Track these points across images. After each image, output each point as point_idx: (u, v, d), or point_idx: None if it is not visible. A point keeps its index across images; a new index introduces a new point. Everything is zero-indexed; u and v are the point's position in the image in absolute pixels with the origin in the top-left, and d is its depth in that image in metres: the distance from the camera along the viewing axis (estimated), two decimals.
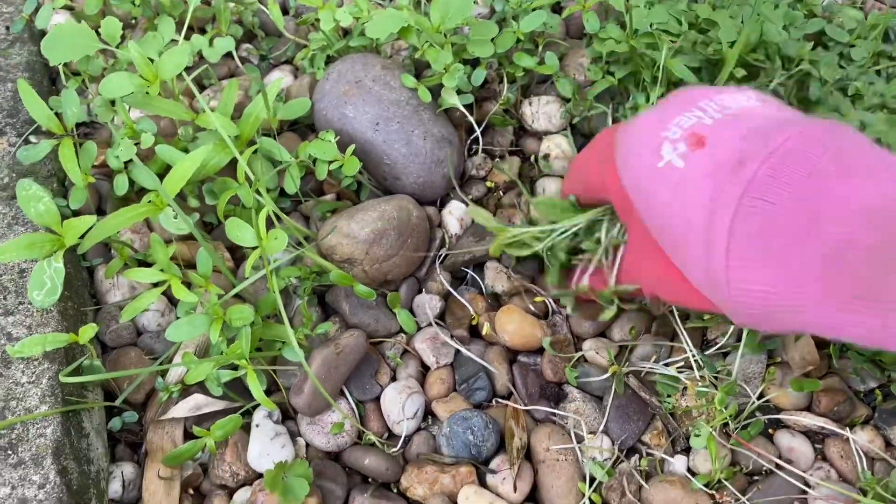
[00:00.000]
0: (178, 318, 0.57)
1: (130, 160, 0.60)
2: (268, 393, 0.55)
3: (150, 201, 0.56)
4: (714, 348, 0.59)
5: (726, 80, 0.62)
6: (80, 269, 0.60)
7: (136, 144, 0.61)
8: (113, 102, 0.61)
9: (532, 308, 0.61)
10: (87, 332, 0.52)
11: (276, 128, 0.64)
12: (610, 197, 0.49)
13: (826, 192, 0.36)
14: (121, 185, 0.60)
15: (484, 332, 0.60)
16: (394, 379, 0.59)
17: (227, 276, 0.56)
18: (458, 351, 0.59)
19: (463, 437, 0.53)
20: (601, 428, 0.56)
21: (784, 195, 0.36)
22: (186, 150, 0.60)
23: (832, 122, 0.39)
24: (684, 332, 0.58)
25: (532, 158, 0.69)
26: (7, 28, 0.73)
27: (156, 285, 0.55)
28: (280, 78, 0.65)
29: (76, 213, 0.61)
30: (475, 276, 0.64)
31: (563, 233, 0.55)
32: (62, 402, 0.50)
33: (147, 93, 0.59)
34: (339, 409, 0.55)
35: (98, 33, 0.63)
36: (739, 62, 0.63)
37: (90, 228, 0.52)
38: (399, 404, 0.56)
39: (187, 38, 0.68)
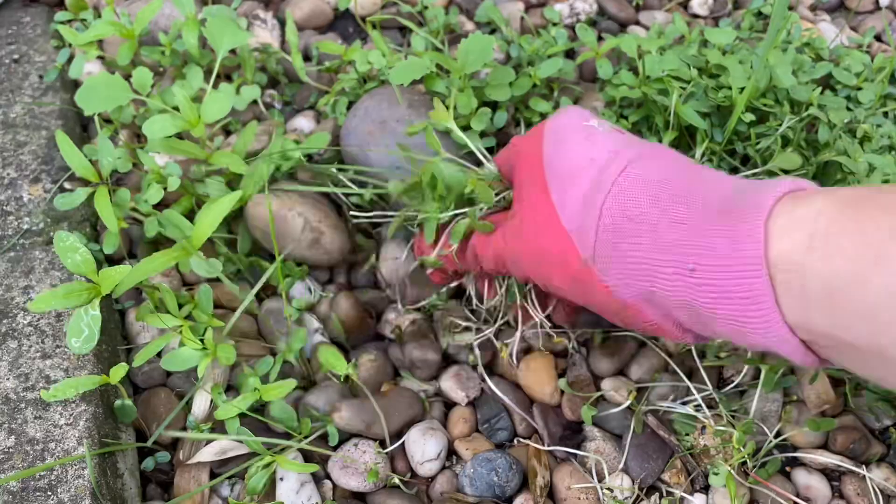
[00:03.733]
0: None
1: (160, 203, 0.63)
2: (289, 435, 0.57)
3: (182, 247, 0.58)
4: (730, 387, 0.60)
5: (735, 124, 0.64)
6: (112, 312, 0.62)
7: (164, 189, 0.63)
8: (133, 152, 0.64)
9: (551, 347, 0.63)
10: (118, 372, 0.54)
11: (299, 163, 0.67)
12: (521, 157, 0.53)
13: (696, 178, 0.45)
14: (151, 229, 0.62)
15: (503, 356, 0.61)
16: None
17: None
18: (481, 391, 0.61)
19: (487, 478, 0.55)
20: (621, 466, 0.57)
21: (662, 167, 0.45)
22: (199, 197, 0.63)
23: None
24: (703, 370, 0.59)
25: None
26: (40, 77, 0.76)
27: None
28: (326, 134, 0.68)
29: (109, 257, 0.63)
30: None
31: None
32: (98, 444, 0.52)
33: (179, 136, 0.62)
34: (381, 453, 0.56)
35: (129, 82, 0.66)
36: (748, 107, 0.65)
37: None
38: (422, 445, 0.57)
39: (215, 86, 0.71)
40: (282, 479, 0.55)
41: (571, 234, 0.45)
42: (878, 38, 0.85)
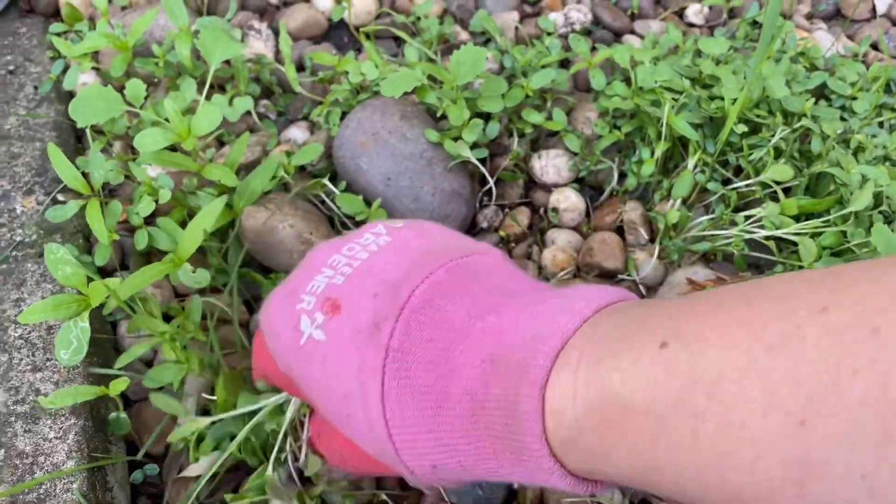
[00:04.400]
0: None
1: (153, 214, 0.64)
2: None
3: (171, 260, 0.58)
4: None
5: (728, 136, 0.64)
6: (104, 324, 0.62)
7: (155, 201, 0.63)
8: (125, 164, 0.64)
9: None
10: (118, 385, 0.54)
11: (292, 174, 0.67)
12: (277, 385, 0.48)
13: (455, 344, 0.37)
14: (141, 241, 0.62)
15: None
16: None
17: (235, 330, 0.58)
18: None
19: (473, 493, 0.55)
20: None
21: (420, 355, 0.37)
22: (191, 209, 0.63)
23: (472, 251, 0.42)
24: None
25: (542, 210, 0.71)
26: (35, 88, 0.76)
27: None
28: (319, 146, 0.68)
29: (101, 269, 0.63)
30: None
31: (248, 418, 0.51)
32: (88, 458, 0.52)
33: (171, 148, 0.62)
34: None
35: (122, 94, 0.66)
36: (741, 118, 0.65)
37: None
38: None
39: (208, 97, 0.71)
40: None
41: (396, 470, 0.41)
42: (874, 46, 0.85)
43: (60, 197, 0.67)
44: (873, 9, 0.88)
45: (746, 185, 0.65)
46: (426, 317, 0.38)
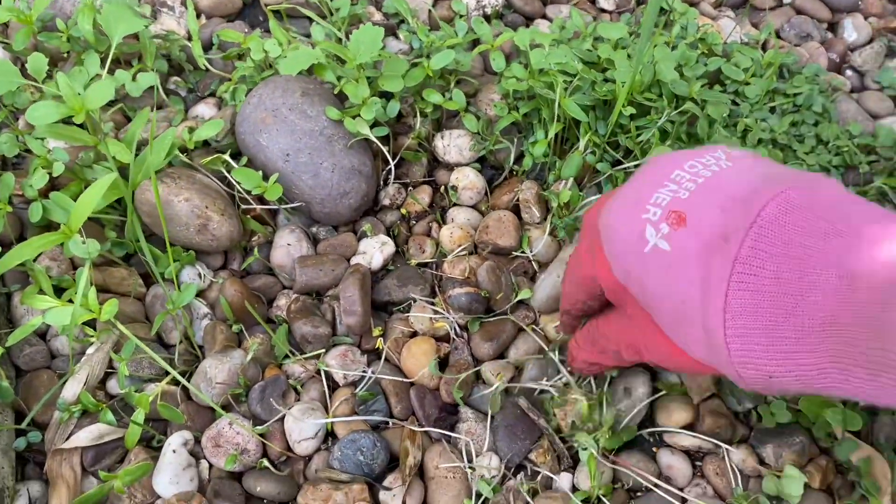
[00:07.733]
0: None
1: (53, 188, 0.64)
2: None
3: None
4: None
5: (617, 118, 0.66)
6: None
7: (49, 174, 0.64)
8: (18, 137, 0.65)
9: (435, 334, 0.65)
10: None
11: (192, 148, 0.68)
12: (601, 285, 0.49)
13: (807, 259, 0.37)
14: (35, 213, 0.63)
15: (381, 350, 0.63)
16: (298, 400, 0.62)
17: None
18: (362, 374, 0.62)
19: (353, 458, 0.56)
20: (486, 447, 0.59)
21: (768, 268, 0.38)
22: (85, 181, 0.63)
23: (812, 180, 0.40)
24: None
25: (443, 189, 0.73)
26: None
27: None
28: (221, 121, 0.69)
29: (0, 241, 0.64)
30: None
31: None
32: None
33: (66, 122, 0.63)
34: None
35: (24, 68, 0.66)
36: (632, 101, 0.67)
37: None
38: (300, 424, 0.58)
39: (111, 72, 0.71)
40: (174, 451, 0.57)
41: (721, 371, 0.42)
42: (777, 34, 0.87)
43: None
44: None
45: (635, 167, 0.67)
46: (776, 231, 0.38)
